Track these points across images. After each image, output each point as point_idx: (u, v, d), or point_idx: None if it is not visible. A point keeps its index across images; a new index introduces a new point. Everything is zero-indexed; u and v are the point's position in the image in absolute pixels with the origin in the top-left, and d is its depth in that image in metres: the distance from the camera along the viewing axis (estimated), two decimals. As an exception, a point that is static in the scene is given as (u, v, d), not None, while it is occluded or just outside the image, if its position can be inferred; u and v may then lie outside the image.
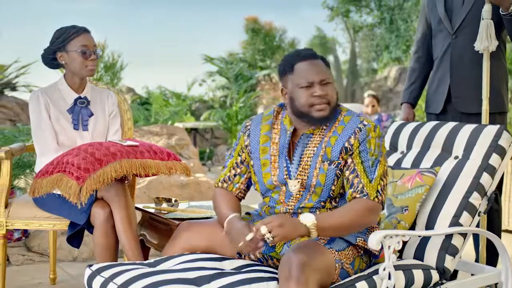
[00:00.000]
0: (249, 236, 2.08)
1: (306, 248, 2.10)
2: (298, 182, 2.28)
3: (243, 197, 2.49)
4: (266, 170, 2.36)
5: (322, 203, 2.29)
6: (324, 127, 2.31)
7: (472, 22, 3.16)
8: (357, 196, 2.21)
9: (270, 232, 2.03)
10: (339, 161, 2.26)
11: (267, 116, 2.43)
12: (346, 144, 2.25)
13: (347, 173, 2.25)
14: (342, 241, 2.25)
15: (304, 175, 2.29)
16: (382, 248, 2.30)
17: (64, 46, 3.04)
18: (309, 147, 2.31)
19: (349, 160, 2.25)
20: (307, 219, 2.10)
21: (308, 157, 2.29)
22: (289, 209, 2.31)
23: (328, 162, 2.26)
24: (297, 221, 2.10)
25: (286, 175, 2.31)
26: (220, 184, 2.46)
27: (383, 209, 2.29)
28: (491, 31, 3.03)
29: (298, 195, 2.30)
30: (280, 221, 2.05)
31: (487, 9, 3.03)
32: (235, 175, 2.44)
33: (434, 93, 3.38)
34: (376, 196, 2.22)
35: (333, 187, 2.27)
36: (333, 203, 2.31)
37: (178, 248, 2.36)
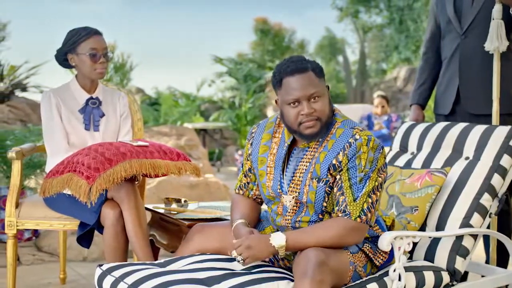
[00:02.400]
0: (234, 254, 2.12)
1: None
2: (293, 198, 2.24)
3: (263, 201, 2.45)
4: (263, 180, 2.33)
5: (320, 216, 2.23)
6: (318, 141, 2.23)
7: (482, 23, 3.15)
8: (339, 215, 2.14)
9: (240, 255, 2.09)
10: (328, 179, 2.17)
11: (269, 124, 2.38)
12: (334, 161, 2.15)
13: (335, 189, 2.18)
14: (355, 245, 2.24)
15: (296, 191, 2.23)
16: (390, 255, 2.30)
17: (74, 49, 3.05)
18: (302, 162, 2.24)
19: (338, 177, 2.17)
20: (276, 240, 2.10)
21: (300, 173, 2.23)
22: (287, 223, 2.28)
23: (317, 179, 2.18)
24: (267, 241, 2.11)
25: (280, 189, 2.27)
26: (237, 190, 2.46)
27: (371, 227, 2.22)
28: (502, 32, 3.01)
29: (295, 208, 2.25)
30: (248, 243, 2.10)
31: (497, 9, 3.01)
32: (248, 183, 2.43)
33: (442, 94, 3.37)
34: (359, 216, 2.12)
35: (324, 204, 2.20)
36: (332, 215, 2.23)
37: (191, 250, 2.36)
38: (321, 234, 2.11)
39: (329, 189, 2.18)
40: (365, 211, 2.13)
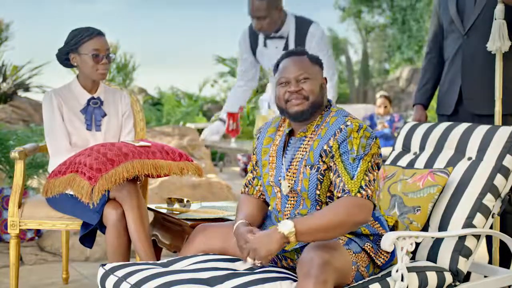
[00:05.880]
0: (249, 262, 2.13)
1: (327, 247, 2.08)
2: (289, 186, 2.25)
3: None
4: (265, 170, 2.36)
5: (318, 208, 2.24)
6: (314, 131, 2.27)
7: (484, 23, 3.14)
8: (339, 195, 2.13)
9: (254, 260, 2.08)
10: (319, 165, 2.19)
11: (276, 119, 2.45)
12: (325, 147, 2.18)
13: (331, 175, 2.19)
14: (357, 244, 2.23)
15: (292, 180, 2.26)
16: (391, 255, 2.30)
17: (76, 48, 3.06)
18: (299, 151, 2.27)
19: (331, 164, 2.18)
20: (285, 227, 2.05)
21: (297, 161, 2.26)
22: (286, 218, 2.28)
23: (310, 166, 2.21)
24: (271, 233, 2.06)
25: (280, 177, 2.29)
26: (243, 189, 2.47)
27: (375, 205, 2.18)
28: (504, 31, 3.01)
29: (293, 201, 2.27)
30: (253, 247, 2.07)
31: (500, 9, 3.01)
32: (253, 178, 2.45)
33: (445, 94, 3.36)
34: (359, 191, 2.10)
35: (317, 192, 2.21)
36: (334, 199, 2.22)
37: (194, 250, 2.37)
38: (326, 214, 2.08)
39: (321, 177, 2.20)
40: (364, 187, 2.12)
